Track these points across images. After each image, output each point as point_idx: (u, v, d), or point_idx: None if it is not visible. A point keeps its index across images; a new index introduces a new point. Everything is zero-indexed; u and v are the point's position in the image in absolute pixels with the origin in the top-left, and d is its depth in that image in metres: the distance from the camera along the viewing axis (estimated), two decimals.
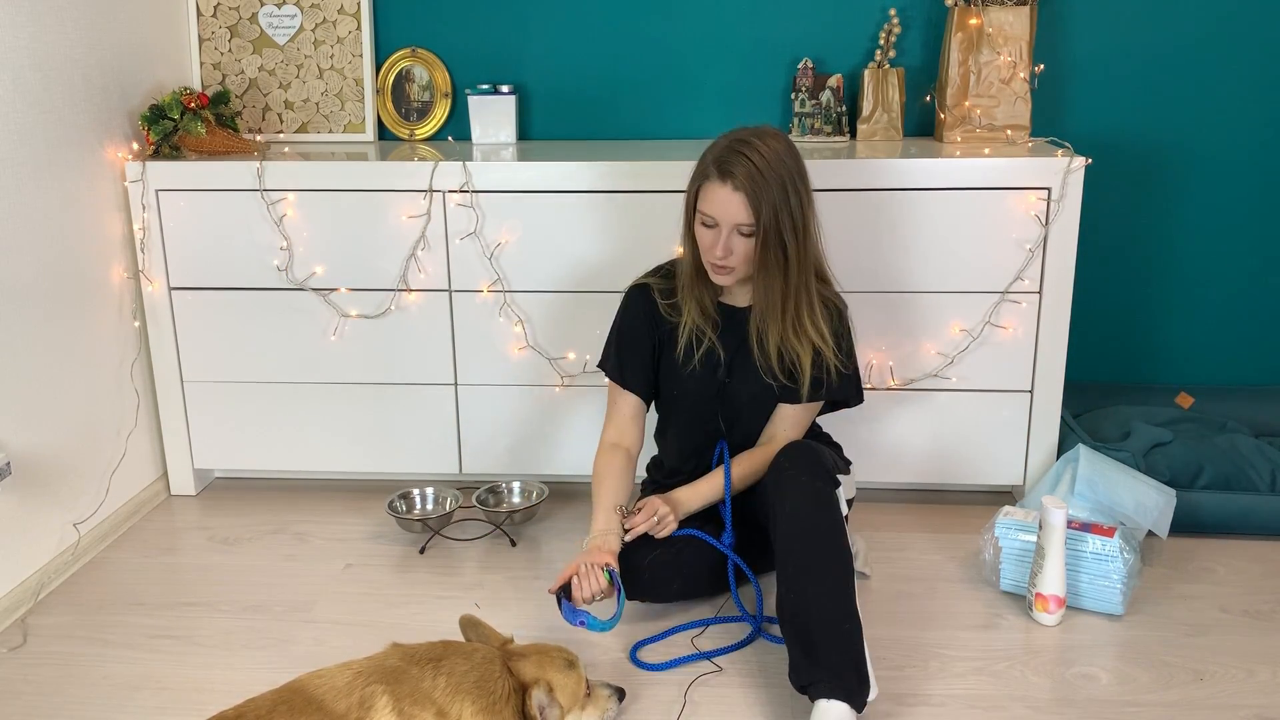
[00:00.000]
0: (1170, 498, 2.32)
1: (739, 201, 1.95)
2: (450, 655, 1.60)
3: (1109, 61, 2.84)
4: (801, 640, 1.82)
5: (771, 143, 1.98)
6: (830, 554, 1.88)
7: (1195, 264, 2.97)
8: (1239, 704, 1.87)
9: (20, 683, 2.00)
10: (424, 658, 1.59)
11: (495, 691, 1.57)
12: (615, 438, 2.21)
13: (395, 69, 2.95)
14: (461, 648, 1.66)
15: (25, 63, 2.25)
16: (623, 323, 2.22)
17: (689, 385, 2.16)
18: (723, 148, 1.99)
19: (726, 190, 1.95)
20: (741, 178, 1.94)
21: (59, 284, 2.38)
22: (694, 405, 2.18)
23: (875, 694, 1.82)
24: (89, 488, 2.49)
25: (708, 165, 1.99)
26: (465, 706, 1.54)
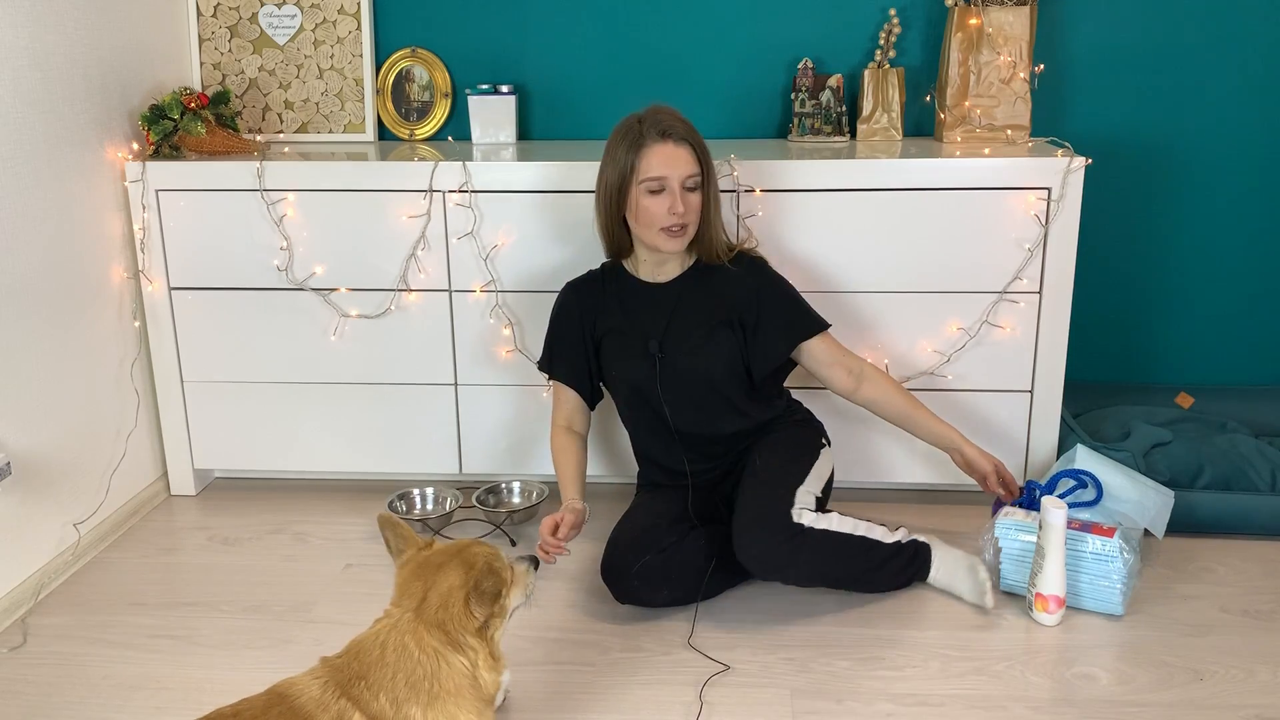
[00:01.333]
0: (1168, 498, 2.32)
1: (685, 154, 2.10)
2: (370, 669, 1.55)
3: (1109, 61, 2.84)
4: None
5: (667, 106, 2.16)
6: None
7: (1195, 264, 2.97)
8: (1239, 704, 1.87)
9: (20, 683, 2.00)
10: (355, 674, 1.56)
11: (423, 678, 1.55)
12: (564, 422, 2.34)
13: (395, 69, 2.95)
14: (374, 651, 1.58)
15: (25, 63, 2.25)
16: (556, 322, 2.33)
17: (627, 369, 2.24)
18: (638, 120, 2.12)
19: (669, 146, 2.09)
20: (682, 131, 2.10)
21: (59, 284, 2.38)
22: (635, 391, 2.25)
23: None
24: (89, 488, 2.49)
25: (639, 135, 2.10)
26: (412, 710, 1.54)
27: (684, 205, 2.10)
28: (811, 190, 2.45)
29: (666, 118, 2.11)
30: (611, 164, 2.14)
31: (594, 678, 1.98)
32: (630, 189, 2.12)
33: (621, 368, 2.25)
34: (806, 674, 1.98)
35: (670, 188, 2.09)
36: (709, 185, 2.15)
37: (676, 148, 2.09)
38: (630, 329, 2.23)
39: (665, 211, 2.10)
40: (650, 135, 2.09)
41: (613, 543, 2.18)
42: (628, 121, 2.14)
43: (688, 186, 2.11)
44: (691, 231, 2.15)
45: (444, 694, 1.55)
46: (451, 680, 1.56)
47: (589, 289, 2.30)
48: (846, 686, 1.94)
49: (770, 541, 2.05)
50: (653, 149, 2.09)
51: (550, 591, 2.27)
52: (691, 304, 2.21)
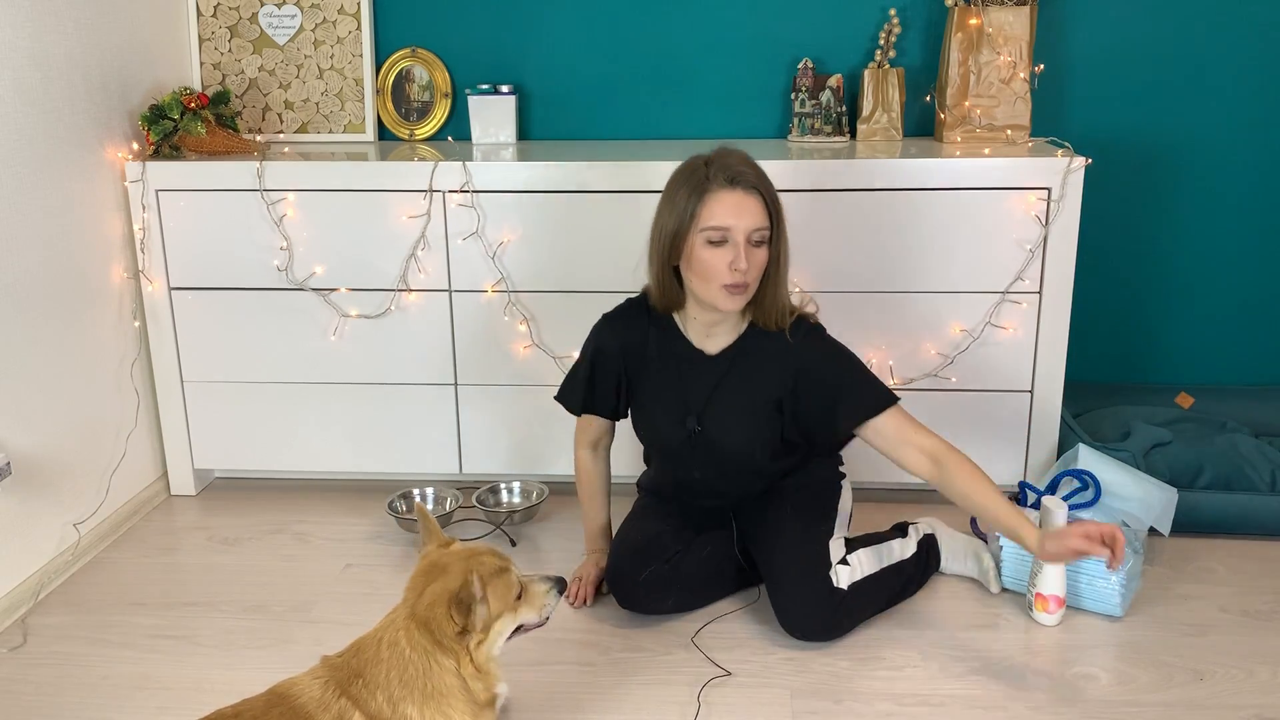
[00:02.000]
0: (1172, 496, 2.32)
1: (754, 204, 1.87)
2: (368, 666, 1.57)
3: (1109, 61, 2.84)
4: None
5: (734, 148, 1.95)
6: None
7: (1195, 264, 2.97)
8: (1239, 704, 1.87)
9: (20, 683, 2.00)
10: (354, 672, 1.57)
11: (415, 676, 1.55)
12: (590, 443, 2.24)
13: (395, 69, 2.95)
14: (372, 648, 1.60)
15: (25, 63, 2.25)
16: (590, 363, 2.12)
17: (660, 433, 2.12)
18: (704, 162, 1.91)
19: (737, 194, 1.87)
20: (752, 178, 1.88)
21: (59, 284, 2.38)
22: (668, 451, 2.14)
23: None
24: (89, 488, 2.49)
25: (704, 179, 1.88)
26: (409, 710, 1.54)
27: (747, 261, 1.86)
28: (811, 190, 2.45)
29: (736, 162, 1.89)
30: (669, 208, 1.91)
31: (594, 678, 1.98)
32: (688, 238, 1.89)
33: (655, 433, 2.13)
34: (806, 674, 1.98)
35: (734, 240, 1.86)
36: (778, 241, 1.92)
37: (745, 196, 1.87)
38: (669, 395, 2.06)
39: (726, 266, 1.87)
40: (716, 180, 1.87)
41: (618, 549, 2.17)
42: (692, 163, 1.93)
43: (754, 240, 1.88)
44: (752, 291, 1.93)
45: (436, 693, 1.55)
46: (442, 680, 1.56)
47: (632, 337, 2.08)
48: (846, 686, 1.94)
49: (814, 616, 2.03)
50: (718, 196, 1.87)
51: None
52: (738, 379, 2.03)
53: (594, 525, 2.30)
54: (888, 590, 2.14)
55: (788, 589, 2.05)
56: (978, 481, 1.91)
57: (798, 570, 2.05)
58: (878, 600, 2.12)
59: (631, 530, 2.20)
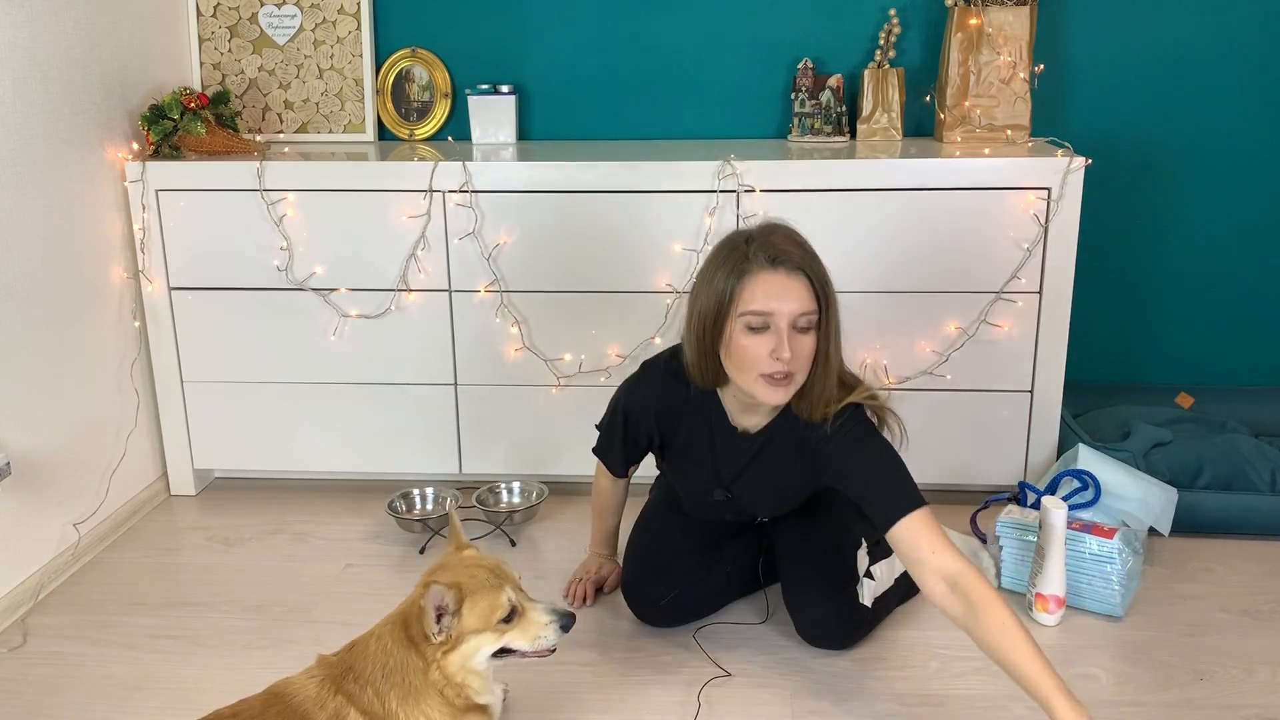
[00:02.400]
0: (1172, 495, 2.33)
1: (799, 287, 1.71)
2: (358, 660, 1.58)
3: (1109, 61, 2.84)
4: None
5: (780, 222, 1.80)
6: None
7: (1195, 264, 2.97)
8: (1239, 704, 1.87)
9: (20, 683, 2.00)
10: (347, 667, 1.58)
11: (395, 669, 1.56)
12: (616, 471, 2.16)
13: (395, 69, 2.95)
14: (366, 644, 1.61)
15: (25, 63, 2.25)
16: (624, 422, 2.02)
17: (690, 492, 2.06)
18: (745, 239, 1.76)
19: (780, 276, 1.71)
20: (798, 258, 1.72)
21: (59, 284, 2.38)
22: (697, 505, 2.09)
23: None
24: (89, 488, 2.49)
25: (744, 258, 1.73)
26: (392, 702, 1.55)
27: (791, 349, 1.70)
28: (811, 190, 2.45)
29: (780, 240, 1.73)
30: (707, 288, 1.76)
31: (594, 678, 1.98)
32: (727, 321, 1.74)
33: (684, 489, 2.07)
34: (806, 674, 1.98)
35: (776, 326, 1.71)
36: (826, 326, 1.75)
37: (789, 278, 1.71)
38: (701, 462, 1.98)
39: (766, 355, 1.71)
40: (757, 260, 1.71)
41: (639, 568, 2.11)
42: (733, 239, 1.78)
43: (799, 326, 1.72)
44: (799, 381, 1.76)
45: (413, 690, 1.55)
46: (417, 678, 1.56)
47: (667, 402, 1.95)
48: (846, 686, 1.94)
49: (836, 631, 2.02)
50: (759, 277, 1.71)
51: (550, 591, 2.27)
52: (769, 461, 1.93)
53: (601, 534, 2.28)
54: (897, 596, 2.15)
55: (812, 606, 2.02)
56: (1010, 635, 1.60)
57: (824, 589, 2.02)
58: (888, 606, 2.12)
59: (653, 545, 2.14)
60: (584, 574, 2.26)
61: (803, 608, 2.03)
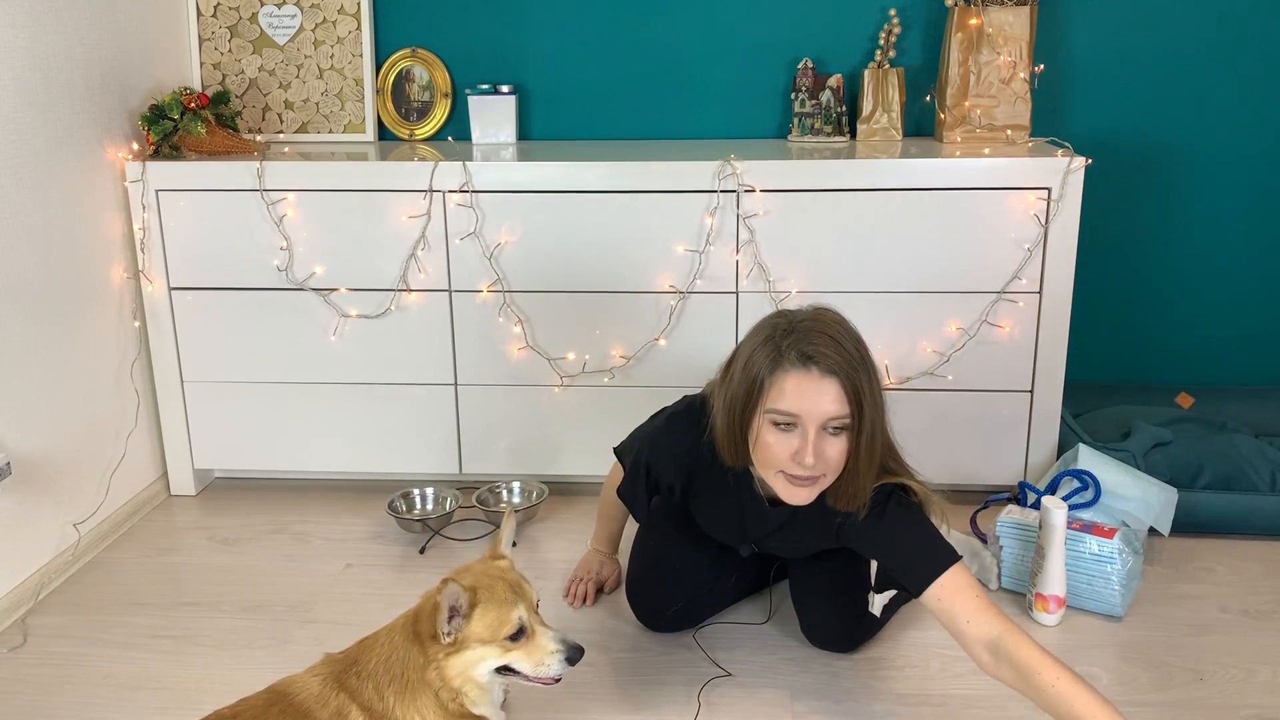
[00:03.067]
0: (1172, 495, 2.33)
1: (831, 390, 1.61)
2: (362, 654, 1.59)
3: (1109, 61, 2.84)
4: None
5: (830, 313, 1.69)
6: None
7: (1195, 264, 2.97)
8: (1239, 704, 1.87)
9: (20, 683, 2.00)
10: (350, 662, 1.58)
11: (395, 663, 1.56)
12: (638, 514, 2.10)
13: (395, 69, 2.95)
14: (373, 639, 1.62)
15: (25, 63, 2.25)
16: (646, 468, 1.94)
17: (718, 539, 2.03)
18: (785, 329, 1.65)
19: (813, 378, 1.60)
20: (833, 360, 1.61)
21: (59, 284, 2.38)
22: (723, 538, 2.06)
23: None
24: (89, 488, 2.49)
25: (777, 350, 1.63)
26: (390, 698, 1.55)
27: (815, 454, 1.62)
28: (811, 190, 2.45)
29: (818, 337, 1.61)
30: (742, 370, 1.66)
31: (594, 678, 1.98)
32: (755, 413, 1.65)
33: (712, 535, 2.03)
34: (806, 674, 1.98)
35: (803, 428, 1.62)
36: (862, 431, 1.63)
37: (821, 380, 1.60)
38: (728, 519, 1.93)
39: (788, 456, 1.64)
40: (789, 356, 1.61)
41: (648, 574, 2.09)
42: (775, 324, 1.67)
43: (830, 430, 1.63)
44: (826, 483, 1.69)
45: (410, 686, 1.55)
46: (413, 674, 1.56)
47: (692, 465, 1.87)
48: (846, 686, 1.94)
49: (845, 636, 2.03)
50: (788, 374, 1.61)
51: (551, 591, 2.27)
52: (802, 528, 1.86)
53: (605, 534, 2.28)
54: (901, 597, 2.14)
55: (822, 611, 2.02)
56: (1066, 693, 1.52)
57: (834, 595, 2.01)
58: (893, 608, 2.12)
59: (660, 553, 2.09)
60: (585, 574, 2.25)
61: (811, 611, 2.03)
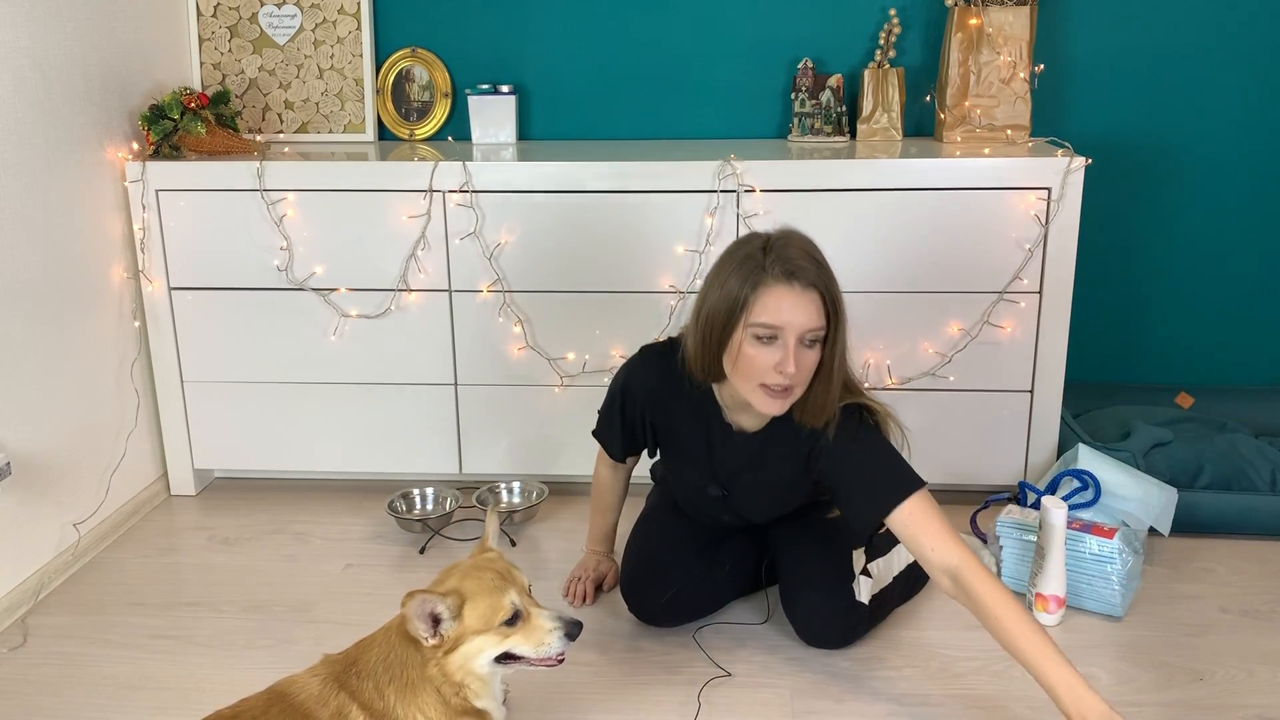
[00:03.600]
0: (1172, 495, 2.33)
1: (811, 303, 1.70)
2: (362, 653, 1.59)
3: (1109, 61, 2.84)
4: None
5: (797, 232, 1.78)
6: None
7: (1195, 264, 2.97)
8: (1239, 704, 1.87)
9: (20, 683, 2.00)
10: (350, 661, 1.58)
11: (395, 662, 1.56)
12: (611, 464, 2.18)
13: (395, 69, 2.95)
14: (371, 637, 1.62)
15: (25, 63, 2.25)
16: (620, 403, 2.03)
17: (686, 489, 2.08)
18: (762, 248, 1.74)
19: (795, 292, 1.69)
20: (812, 274, 1.71)
21: (59, 284, 2.38)
22: (693, 503, 2.10)
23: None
24: (89, 488, 2.49)
25: (759, 268, 1.71)
26: (390, 696, 1.55)
27: (795, 364, 1.70)
28: (811, 190, 2.45)
29: (796, 253, 1.71)
30: (719, 290, 1.74)
31: (594, 678, 1.98)
32: (736, 328, 1.73)
33: (680, 487, 2.08)
34: (806, 674, 1.98)
35: (784, 340, 1.70)
36: (834, 342, 1.75)
37: (802, 294, 1.70)
38: (696, 460, 1.99)
39: (771, 366, 1.72)
40: (773, 272, 1.70)
41: (638, 566, 2.12)
42: (751, 243, 1.75)
43: (806, 341, 1.72)
44: (797, 393, 1.77)
45: (411, 685, 1.55)
46: (414, 673, 1.56)
47: (660, 391, 1.96)
48: (846, 686, 1.94)
49: (834, 629, 2.02)
50: (772, 290, 1.70)
51: (550, 592, 2.27)
52: (767, 462, 1.93)
53: (599, 530, 2.29)
54: (897, 596, 2.14)
55: (809, 603, 2.02)
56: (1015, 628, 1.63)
57: (820, 585, 2.02)
58: (888, 606, 2.12)
59: (651, 544, 2.13)
60: (582, 572, 2.26)
61: (798, 605, 2.04)
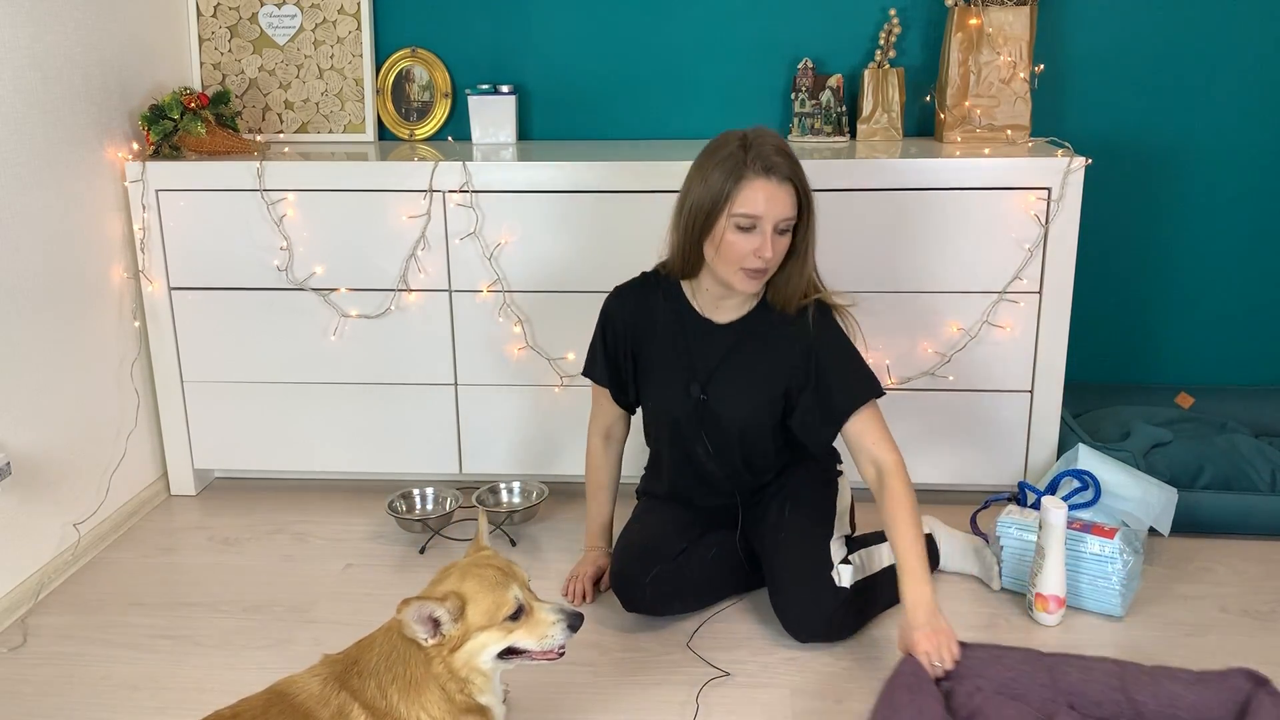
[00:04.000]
0: (1172, 495, 2.32)
1: (786, 195, 1.90)
2: (363, 653, 1.59)
3: (1109, 61, 2.84)
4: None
5: (768, 130, 1.96)
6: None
7: (1195, 263, 2.97)
8: None
9: (20, 683, 2.00)
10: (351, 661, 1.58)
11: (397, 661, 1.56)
12: (603, 430, 2.27)
13: (395, 69, 2.95)
14: (372, 638, 1.62)
15: (25, 63, 2.25)
16: (599, 330, 2.17)
17: (664, 401, 2.12)
18: (741, 145, 1.91)
19: (772, 185, 1.88)
20: (787, 169, 1.90)
21: (59, 284, 2.38)
22: (672, 423, 2.13)
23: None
24: (89, 488, 2.49)
25: (741, 164, 1.89)
26: (393, 695, 1.55)
27: (771, 249, 1.90)
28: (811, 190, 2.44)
29: (771, 150, 1.90)
30: (703, 185, 1.92)
31: (594, 678, 1.98)
32: (719, 219, 1.91)
33: (660, 400, 2.13)
34: (806, 674, 1.98)
35: (762, 229, 1.89)
36: (804, 229, 1.96)
37: (780, 186, 1.89)
38: (675, 362, 2.08)
39: (750, 252, 1.90)
40: (754, 167, 1.88)
41: (622, 553, 2.16)
42: (729, 143, 1.92)
43: (780, 229, 1.91)
44: (770, 274, 1.98)
45: (414, 683, 1.55)
46: (418, 671, 1.56)
47: (638, 306, 2.11)
48: (846, 686, 1.94)
49: (816, 617, 2.04)
50: (753, 183, 1.88)
51: (551, 591, 2.27)
52: (746, 353, 2.05)
53: (596, 523, 2.30)
54: (890, 591, 2.13)
55: (789, 590, 2.05)
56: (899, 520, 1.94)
57: (799, 572, 2.05)
58: (879, 601, 2.12)
59: (634, 532, 2.20)
60: (580, 570, 2.26)
61: (781, 596, 2.06)
